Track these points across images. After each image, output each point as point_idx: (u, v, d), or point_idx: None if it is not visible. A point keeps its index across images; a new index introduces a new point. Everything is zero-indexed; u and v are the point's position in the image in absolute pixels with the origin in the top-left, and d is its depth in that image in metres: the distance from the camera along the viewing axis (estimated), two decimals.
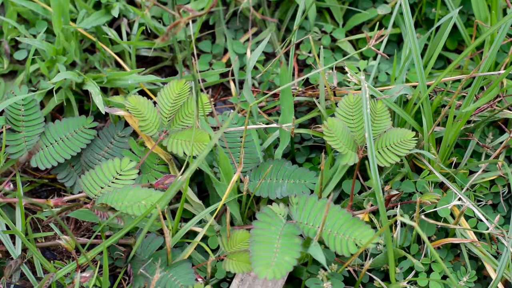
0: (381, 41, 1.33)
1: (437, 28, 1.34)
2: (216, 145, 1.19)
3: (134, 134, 1.28)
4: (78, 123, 1.26)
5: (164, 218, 1.14)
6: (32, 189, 1.29)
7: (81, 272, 1.10)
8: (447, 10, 1.38)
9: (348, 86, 1.32)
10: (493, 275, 1.17)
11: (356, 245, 1.09)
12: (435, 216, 1.22)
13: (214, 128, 1.27)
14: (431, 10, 1.41)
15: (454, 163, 1.27)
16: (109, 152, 1.27)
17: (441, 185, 1.26)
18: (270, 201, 1.23)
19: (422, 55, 1.35)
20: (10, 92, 1.25)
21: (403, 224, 1.21)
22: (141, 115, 1.19)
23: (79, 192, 1.21)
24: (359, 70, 1.37)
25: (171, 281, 1.13)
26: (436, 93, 1.29)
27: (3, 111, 1.24)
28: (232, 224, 1.23)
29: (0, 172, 1.21)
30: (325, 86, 1.27)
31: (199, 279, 1.14)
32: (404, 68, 1.27)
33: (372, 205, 1.20)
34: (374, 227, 1.20)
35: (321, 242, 1.10)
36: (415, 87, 1.27)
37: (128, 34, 1.39)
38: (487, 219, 1.20)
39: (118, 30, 1.39)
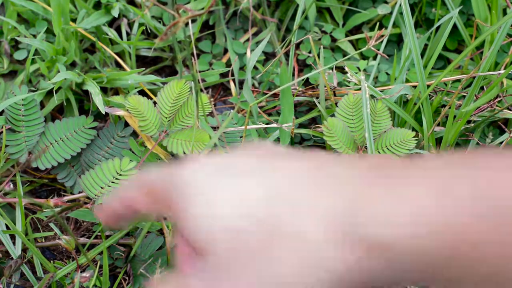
0: (381, 41, 1.33)
1: (437, 28, 1.34)
2: (216, 145, 1.19)
3: (134, 134, 1.28)
4: (78, 123, 1.26)
5: (164, 218, 1.14)
6: (32, 189, 1.29)
7: (81, 272, 1.10)
8: (447, 10, 1.38)
9: (348, 86, 1.32)
10: None
11: None
12: None
13: (214, 128, 1.27)
14: (431, 10, 1.41)
15: None
16: (109, 152, 1.27)
17: None
18: None
19: (422, 55, 1.35)
20: (10, 92, 1.25)
21: None
22: (141, 115, 1.19)
23: (79, 192, 1.21)
24: (359, 70, 1.37)
25: None
26: (436, 93, 1.29)
27: (3, 111, 1.24)
28: None
29: (0, 172, 1.21)
30: (325, 86, 1.27)
31: None
32: (404, 68, 1.27)
33: None
34: None
35: None
36: (415, 87, 1.27)
37: (128, 34, 1.39)
38: None
39: (118, 30, 1.39)
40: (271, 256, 0.45)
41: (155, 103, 1.23)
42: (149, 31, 1.40)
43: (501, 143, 1.28)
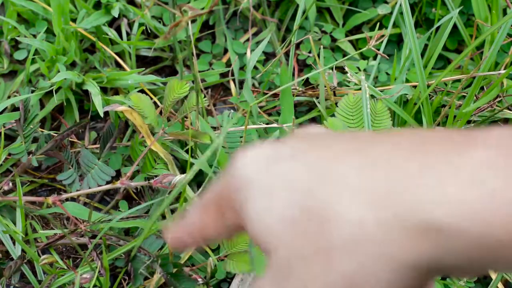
0: (381, 41, 1.33)
1: (437, 28, 1.34)
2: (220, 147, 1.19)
3: (133, 133, 1.28)
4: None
5: (165, 218, 1.14)
6: (32, 189, 1.29)
7: (81, 273, 1.10)
8: (447, 10, 1.38)
9: (348, 86, 1.32)
10: (493, 275, 1.17)
11: None
12: None
13: (214, 128, 1.27)
14: (431, 10, 1.41)
15: None
16: (108, 153, 1.26)
17: None
18: None
19: (422, 55, 1.35)
20: (12, 92, 1.25)
21: None
22: (143, 112, 1.19)
23: (77, 190, 1.20)
24: (359, 70, 1.37)
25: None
26: (436, 93, 1.29)
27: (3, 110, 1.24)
28: None
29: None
30: (325, 86, 1.27)
31: (199, 279, 1.14)
32: (404, 68, 1.27)
33: None
34: None
35: None
36: (415, 87, 1.27)
37: (128, 34, 1.39)
38: None
39: (118, 30, 1.39)
40: (327, 248, 0.41)
41: (154, 102, 1.22)
42: (149, 31, 1.40)
43: None
